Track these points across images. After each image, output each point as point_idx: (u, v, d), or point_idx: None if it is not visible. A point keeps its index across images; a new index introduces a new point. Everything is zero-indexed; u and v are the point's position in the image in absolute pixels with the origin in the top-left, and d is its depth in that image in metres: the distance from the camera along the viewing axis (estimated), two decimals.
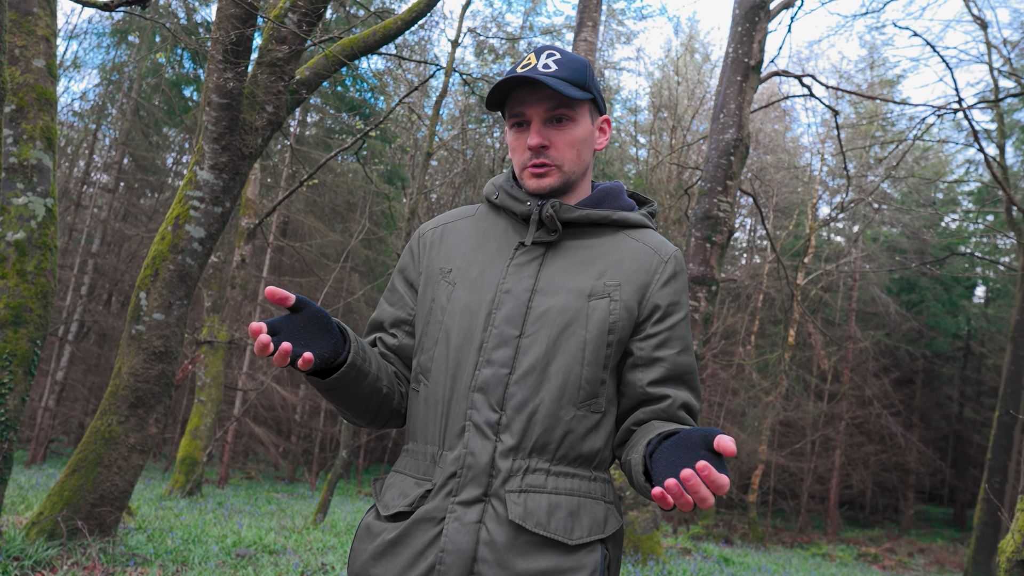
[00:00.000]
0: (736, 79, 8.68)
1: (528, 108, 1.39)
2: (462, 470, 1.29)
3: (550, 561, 1.26)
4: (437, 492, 1.30)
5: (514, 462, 1.29)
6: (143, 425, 5.22)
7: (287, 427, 21.38)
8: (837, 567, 12.48)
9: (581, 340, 1.32)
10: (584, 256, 1.39)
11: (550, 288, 1.36)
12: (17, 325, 4.75)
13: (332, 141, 20.76)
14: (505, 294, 1.36)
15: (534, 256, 1.39)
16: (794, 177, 22.56)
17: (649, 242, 1.43)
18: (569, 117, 1.39)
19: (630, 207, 1.49)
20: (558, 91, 1.33)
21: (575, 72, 1.38)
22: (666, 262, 1.41)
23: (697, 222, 8.38)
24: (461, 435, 1.31)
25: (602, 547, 1.31)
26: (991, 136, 15.44)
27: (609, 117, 1.49)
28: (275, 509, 10.77)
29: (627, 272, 1.38)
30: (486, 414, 1.30)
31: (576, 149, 1.41)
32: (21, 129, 4.98)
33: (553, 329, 1.32)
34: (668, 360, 1.36)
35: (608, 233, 1.43)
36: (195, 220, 5.37)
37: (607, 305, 1.34)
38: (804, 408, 21.46)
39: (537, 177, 1.40)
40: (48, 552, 4.56)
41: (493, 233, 1.45)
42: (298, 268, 21.35)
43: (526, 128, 1.41)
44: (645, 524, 7.73)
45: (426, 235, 1.52)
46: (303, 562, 5.74)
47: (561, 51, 1.41)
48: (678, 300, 1.40)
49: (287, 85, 5.66)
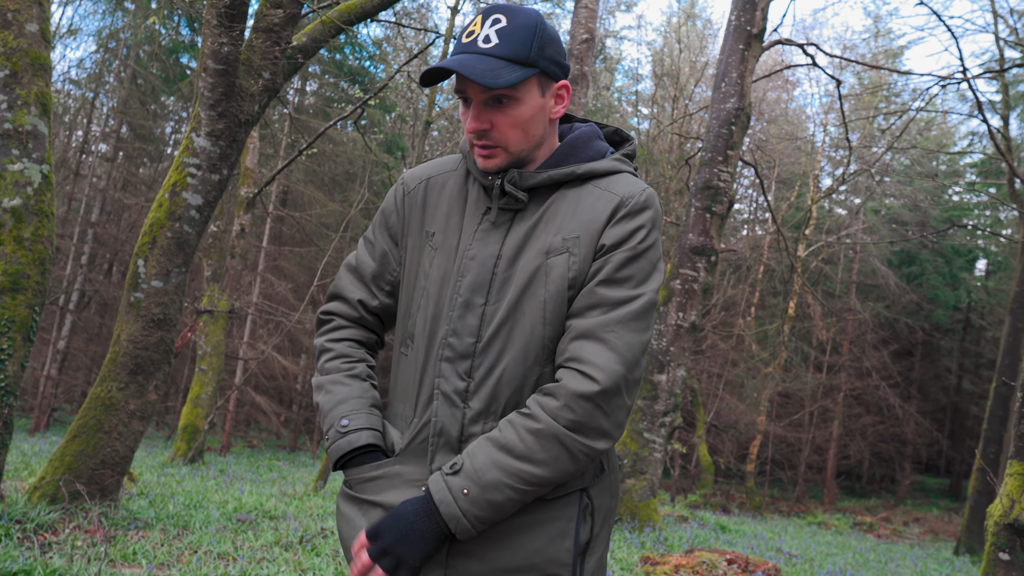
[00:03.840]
0: (738, 47, 8.58)
1: (467, 88, 1.31)
2: (434, 438, 1.31)
3: (526, 515, 1.28)
4: (407, 456, 1.33)
5: (484, 426, 1.30)
6: (143, 392, 5.25)
7: (288, 396, 21.51)
8: (832, 535, 12.62)
9: (540, 299, 1.30)
10: (547, 214, 1.35)
11: (514, 252, 1.33)
12: (15, 292, 4.75)
13: (331, 110, 20.62)
14: (471, 260, 1.34)
15: (502, 221, 1.37)
16: (796, 148, 22.42)
17: (613, 187, 1.36)
18: (511, 97, 1.31)
19: (600, 153, 1.42)
20: (484, 84, 1.25)
21: (519, 44, 1.29)
22: (624, 203, 1.32)
23: (697, 192, 8.35)
24: (430, 403, 1.33)
25: (581, 495, 1.32)
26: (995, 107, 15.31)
27: (567, 82, 1.37)
28: (276, 476, 10.87)
29: (585, 222, 1.32)
30: (454, 383, 1.31)
31: (520, 129, 1.33)
32: (15, 95, 4.94)
33: (514, 292, 1.31)
34: (585, 291, 1.29)
35: (573, 186, 1.37)
36: (192, 187, 5.35)
37: (565, 260, 1.30)
38: (803, 379, 21.56)
39: (484, 158, 1.35)
40: (50, 516, 4.61)
41: (469, 196, 1.43)
42: (298, 238, 21.33)
43: (470, 104, 1.34)
44: (642, 492, 7.80)
45: (411, 187, 1.49)
46: (303, 527, 5.81)
47: (511, 13, 1.31)
48: (626, 238, 1.30)
49: (284, 51, 5.61)
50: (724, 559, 5.55)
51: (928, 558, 10.53)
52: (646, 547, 6.80)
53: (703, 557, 5.51)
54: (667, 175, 18.68)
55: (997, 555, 3.12)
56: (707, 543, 7.93)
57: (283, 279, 19.34)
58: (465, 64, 1.26)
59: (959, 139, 26.58)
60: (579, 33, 8.46)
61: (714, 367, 19.99)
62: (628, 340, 1.26)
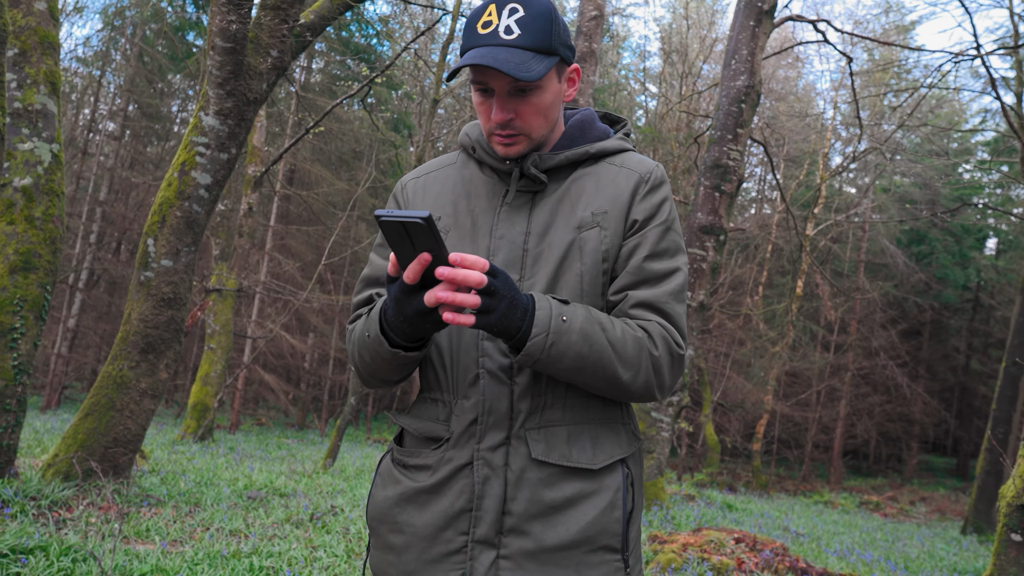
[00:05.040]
0: (749, 24, 8.48)
1: (491, 79, 1.33)
2: (483, 416, 1.32)
3: (575, 488, 1.31)
4: (459, 440, 1.34)
5: (532, 401, 1.33)
6: (153, 370, 5.28)
7: (296, 375, 21.63)
8: (839, 514, 12.68)
9: (577, 273, 1.35)
10: (570, 192, 1.41)
11: (543, 228, 1.37)
12: (27, 271, 4.77)
13: (338, 88, 20.51)
14: (500, 239, 1.37)
15: (524, 201, 1.40)
16: (806, 126, 22.23)
17: (629, 164, 1.44)
18: (536, 86, 1.33)
19: (604, 133, 1.49)
20: (519, 78, 1.27)
21: (540, 33, 1.31)
22: (645, 179, 1.41)
23: (706, 171, 8.29)
24: (475, 383, 1.34)
25: (622, 466, 1.36)
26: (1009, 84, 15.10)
27: (578, 66, 1.43)
28: (285, 454, 10.96)
29: (611, 198, 1.39)
30: (499, 360, 1.33)
31: (543, 115, 1.37)
32: (24, 74, 4.93)
33: (550, 266, 1.35)
34: (633, 266, 1.37)
35: (588, 164, 1.44)
36: (201, 167, 5.34)
37: (598, 235, 1.36)
38: (810, 359, 21.55)
39: (506, 146, 1.38)
40: (64, 492, 4.67)
41: (479, 181, 1.45)
42: (305, 216, 21.33)
43: (490, 95, 1.35)
44: (650, 471, 7.84)
45: (408, 186, 1.51)
46: (313, 504, 5.86)
47: (525, 1, 1.32)
48: (655, 212, 1.39)
49: (291, 29, 5.57)
50: (732, 538, 5.57)
51: (935, 537, 10.57)
52: (654, 525, 6.84)
53: (711, 536, 5.54)
54: (676, 153, 18.57)
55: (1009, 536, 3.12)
56: (714, 522, 7.97)
57: (291, 258, 19.37)
58: (498, 59, 1.28)
59: (971, 116, 26.30)
60: (588, 10, 8.38)
61: (721, 346, 19.99)
62: (680, 312, 1.37)
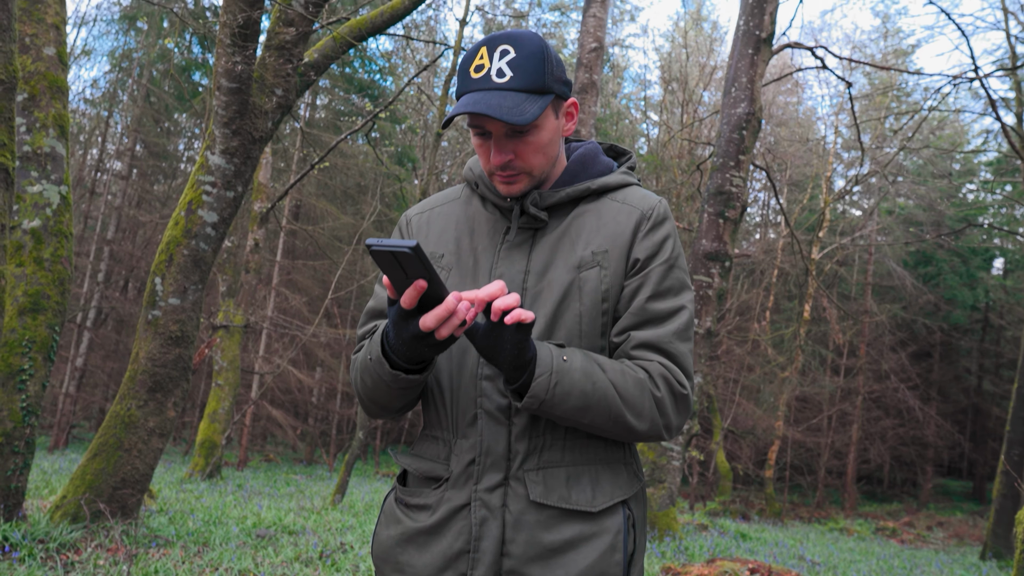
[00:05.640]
0: (747, 52, 8.57)
1: (487, 123, 1.32)
2: (480, 457, 1.31)
3: (575, 530, 1.29)
4: (458, 480, 1.32)
5: (530, 442, 1.31)
6: (162, 409, 5.27)
7: (304, 409, 21.58)
8: (855, 541, 12.49)
9: (576, 313, 1.33)
10: (570, 229, 1.39)
11: (543, 267, 1.36)
12: (35, 312, 4.80)
13: (342, 123, 20.73)
14: (499, 278, 1.35)
15: (524, 239, 1.39)
16: (808, 150, 22.33)
17: (631, 200, 1.41)
18: (533, 125, 1.32)
19: (608, 168, 1.47)
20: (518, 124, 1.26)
21: (532, 74, 1.30)
22: (647, 216, 1.38)
23: (709, 198, 8.32)
24: (474, 423, 1.33)
25: (624, 508, 1.33)
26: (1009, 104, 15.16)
27: (576, 99, 1.41)
28: (294, 491, 10.89)
29: (612, 236, 1.37)
30: (497, 400, 1.32)
31: (542, 153, 1.35)
32: (34, 118, 5.00)
33: (548, 306, 1.33)
34: (635, 307, 1.34)
35: (590, 201, 1.42)
36: (208, 205, 5.39)
37: (598, 274, 1.34)
38: (820, 383, 21.39)
39: (507, 184, 1.36)
40: (72, 535, 4.64)
41: (481, 218, 1.44)
42: (311, 251, 21.44)
43: (488, 137, 1.34)
44: (661, 501, 7.75)
45: (413, 220, 1.51)
46: (322, 542, 5.81)
47: (516, 41, 1.31)
48: (657, 251, 1.37)
49: (296, 68, 5.65)
50: (746, 568, 5.50)
51: (954, 564, 10.39)
52: (667, 557, 6.75)
53: (725, 567, 5.47)
54: (678, 180, 18.64)
55: None
56: (728, 552, 7.87)
57: (297, 292, 19.43)
58: (490, 104, 1.27)
59: (973, 137, 26.34)
60: (588, 42, 8.47)
61: (730, 372, 19.87)
62: (684, 350, 1.35)
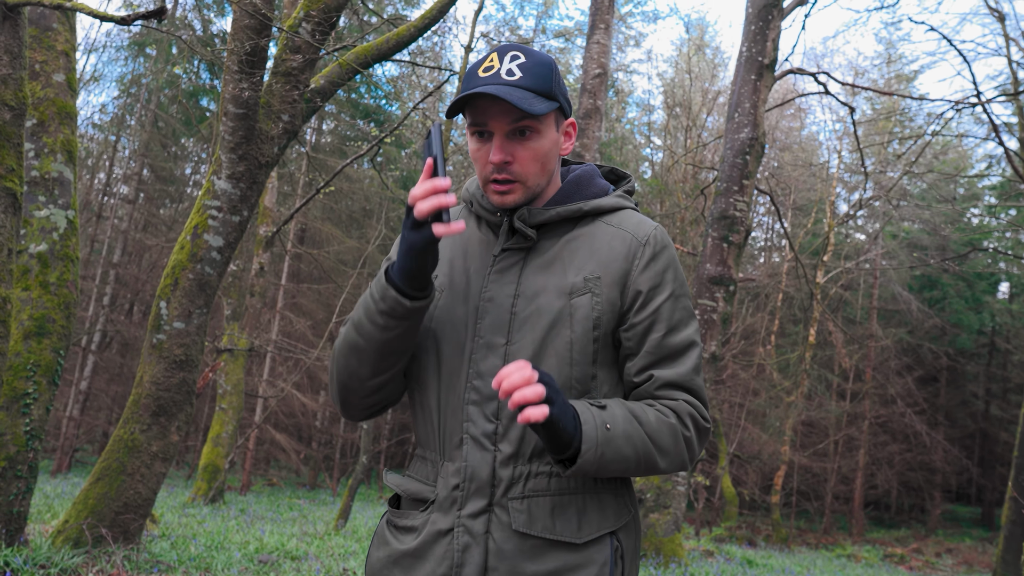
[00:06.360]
0: (750, 78, 8.63)
1: (491, 120, 1.31)
2: (465, 482, 1.30)
3: (559, 561, 1.26)
4: (443, 503, 1.31)
5: (515, 469, 1.29)
6: (165, 433, 5.27)
7: (308, 434, 21.50)
8: (863, 568, 12.34)
9: (567, 340, 1.30)
10: (562, 253, 1.37)
11: (532, 291, 1.33)
12: (40, 336, 4.81)
13: (348, 148, 20.88)
14: (488, 302, 1.34)
15: (514, 261, 1.37)
16: (812, 175, 22.40)
17: (626, 225, 1.39)
18: (534, 129, 1.32)
19: (603, 191, 1.44)
20: (522, 109, 1.26)
21: (540, 79, 1.31)
22: (644, 244, 1.36)
23: (714, 222, 8.34)
24: (460, 447, 1.31)
25: (612, 539, 1.31)
26: (1012, 130, 15.22)
27: (575, 120, 1.41)
28: (297, 515, 10.82)
29: (605, 262, 1.35)
30: (482, 425, 1.30)
31: (540, 163, 1.34)
32: (42, 143, 5.06)
33: (538, 332, 1.31)
34: (652, 345, 1.33)
35: (584, 224, 1.40)
36: (213, 229, 5.42)
37: (589, 301, 1.32)
38: (826, 408, 21.26)
39: (500, 194, 1.35)
40: (74, 560, 4.61)
41: (475, 239, 1.43)
42: (316, 275, 21.48)
43: (488, 139, 1.34)
44: (666, 526, 7.68)
45: None
46: (325, 567, 5.77)
47: (526, 51, 1.33)
48: (660, 281, 1.34)
49: (302, 94, 5.71)
50: None
51: None
52: None
53: None
54: (682, 205, 18.70)
55: None
56: None
57: (302, 316, 19.45)
58: (500, 90, 1.27)
59: (976, 161, 26.41)
60: (592, 68, 8.55)
61: (735, 397, 19.77)
62: (701, 384, 1.36)
